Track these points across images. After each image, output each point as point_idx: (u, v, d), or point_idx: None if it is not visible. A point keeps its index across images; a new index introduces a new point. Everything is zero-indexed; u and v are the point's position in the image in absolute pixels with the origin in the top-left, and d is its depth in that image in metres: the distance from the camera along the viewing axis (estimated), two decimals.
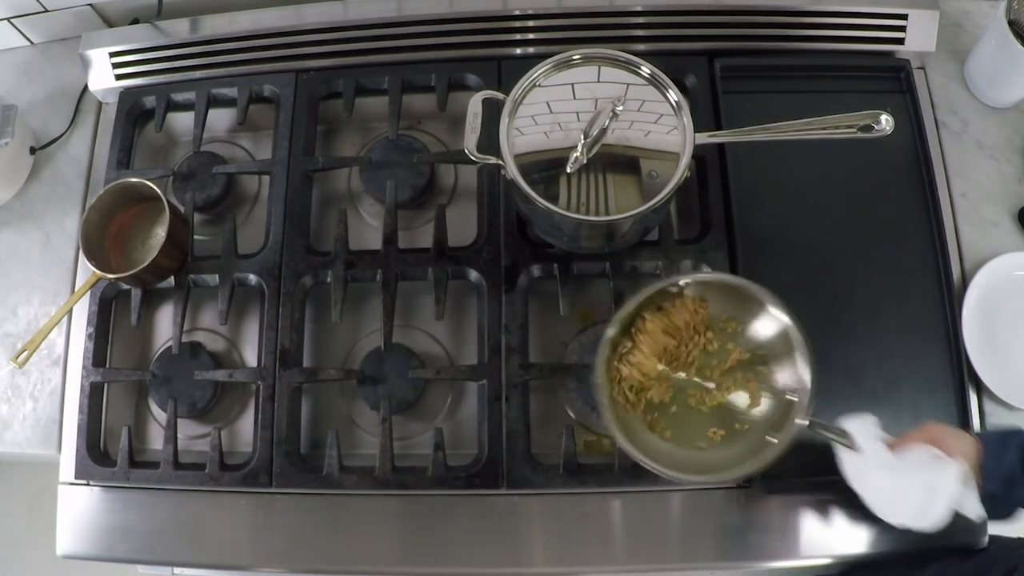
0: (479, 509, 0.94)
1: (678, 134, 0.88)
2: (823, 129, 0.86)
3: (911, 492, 0.76)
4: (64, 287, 1.11)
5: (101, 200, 1.02)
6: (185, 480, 0.97)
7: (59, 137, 1.18)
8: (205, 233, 1.13)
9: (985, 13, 1.17)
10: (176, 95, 1.14)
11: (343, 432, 1.00)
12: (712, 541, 0.93)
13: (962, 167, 1.08)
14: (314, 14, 1.13)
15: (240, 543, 0.96)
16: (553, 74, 0.91)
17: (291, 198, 1.06)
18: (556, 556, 0.94)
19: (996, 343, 1.00)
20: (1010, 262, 1.02)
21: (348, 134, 1.17)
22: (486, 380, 0.97)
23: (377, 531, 0.95)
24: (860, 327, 0.99)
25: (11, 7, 1.17)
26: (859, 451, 0.79)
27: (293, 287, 1.02)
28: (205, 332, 1.09)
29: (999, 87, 1.09)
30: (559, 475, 0.93)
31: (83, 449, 1.00)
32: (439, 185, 1.12)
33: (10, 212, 1.16)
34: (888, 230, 1.03)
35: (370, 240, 1.08)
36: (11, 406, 1.07)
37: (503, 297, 0.99)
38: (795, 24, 1.09)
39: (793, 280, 1.00)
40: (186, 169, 1.11)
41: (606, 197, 0.88)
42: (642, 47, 1.09)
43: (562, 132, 0.89)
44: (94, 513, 0.99)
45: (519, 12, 1.10)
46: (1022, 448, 0.77)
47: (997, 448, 0.77)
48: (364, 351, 1.02)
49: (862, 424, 0.80)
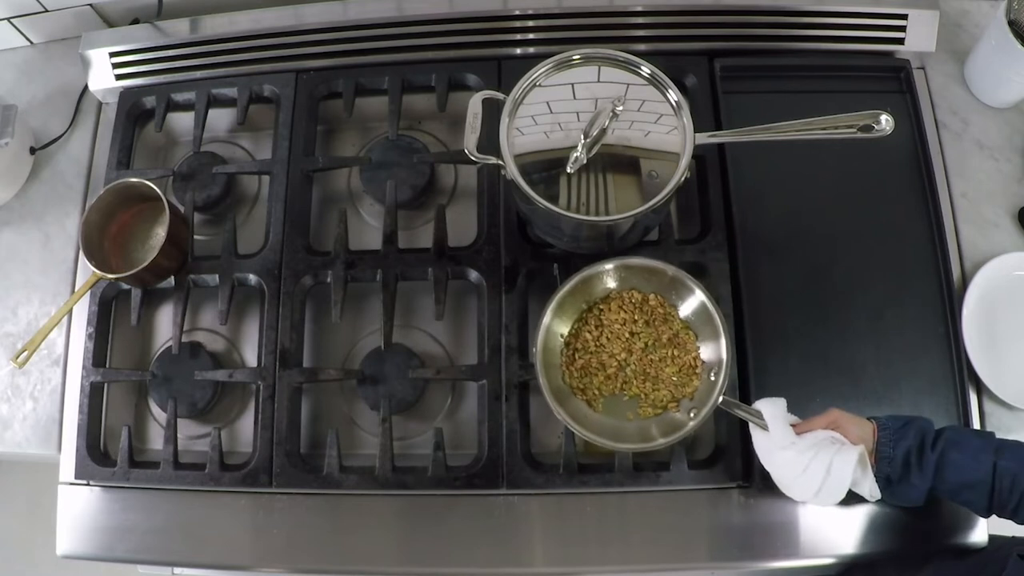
0: (479, 509, 0.94)
1: (678, 134, 0.88)
2: (823, 129, 0.86)
3: (810, 470, 0.82)
4: (64, 287, 1.11)
5: (101, 200, 1.02)
6: (185, 480, 0.97)
7: (59, 137, 1.18)
8: (205, 233, 1.13)
9: (985, 13, 1.17)
10: (176, 95, 1.14)
11: (343, 432, 1.00)
12: (712, 541, 0.93)
13: (962, 167, 1.09)
14: (314, 14, 1.13)
15: (240, 543, 0.96)
16: (553, 74, 0.91)
17: (291, 198, 1.06)
18: (556, 556, 0.94)
19: (996, 343, 1.00)
20: (1010, 262, 1.02)
21: (348, 134, 1.17)
22: (486, 380, 0.97)
23: (377, 531, 0.95)
24: (860, 327, 0.99)
25: (11, 7, 1.17)
26: (768, 430, 0.85)
27: (293, 287, 1.02)
28: (205, 332, 1.09)
29: (999, 87, 1.09)
30: (559, 475, 0.93)
31: (83, 449, 1.00)
32: (439, 185, 1.12)
33: (10, 212, 1.16)
34: (888, 230, 1.03)
35: (370, 240, 1.08)
36: (11, 406, 1.07)
37: (503, 297, 0.99)
38: (795, 24, 1.09)
39: (793, 280, 1.01)
40: (186, 169, 1.11)
41: (606, 197, 0.88)
42: (642, 47, 1.09)
43: (562, 132, 0.89)
44: (94, 513, 0.99)
45: (519, 12, 1.10)
46: (920, 435, 0.82)
47: (894, 434, 0.83)
48: (364, 351, 1.02)
49: (773, 406, 0.86)
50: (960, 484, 0.80)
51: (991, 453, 0.79)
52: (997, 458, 0.79)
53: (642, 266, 0.93)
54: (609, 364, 0.92)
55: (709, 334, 0.91)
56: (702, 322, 0.92)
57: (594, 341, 0.93)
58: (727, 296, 0.98)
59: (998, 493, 0.78)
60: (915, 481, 0.81)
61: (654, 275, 0.93)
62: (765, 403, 0.86)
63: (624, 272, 0.93)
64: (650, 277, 0.93)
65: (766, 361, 0.97)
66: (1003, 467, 0.78)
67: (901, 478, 0.82)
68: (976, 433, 0.85)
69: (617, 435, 0.89)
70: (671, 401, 0.91)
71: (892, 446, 0.82)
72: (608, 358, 0.92)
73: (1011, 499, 0.78)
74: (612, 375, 0.92)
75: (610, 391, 0.92)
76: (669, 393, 0.91)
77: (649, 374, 0.92)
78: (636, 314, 0.93)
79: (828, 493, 0.82)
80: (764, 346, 0.97)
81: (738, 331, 0.97)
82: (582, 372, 0.93)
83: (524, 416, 0.96)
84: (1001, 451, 0.80)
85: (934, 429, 0.83)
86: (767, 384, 0.96)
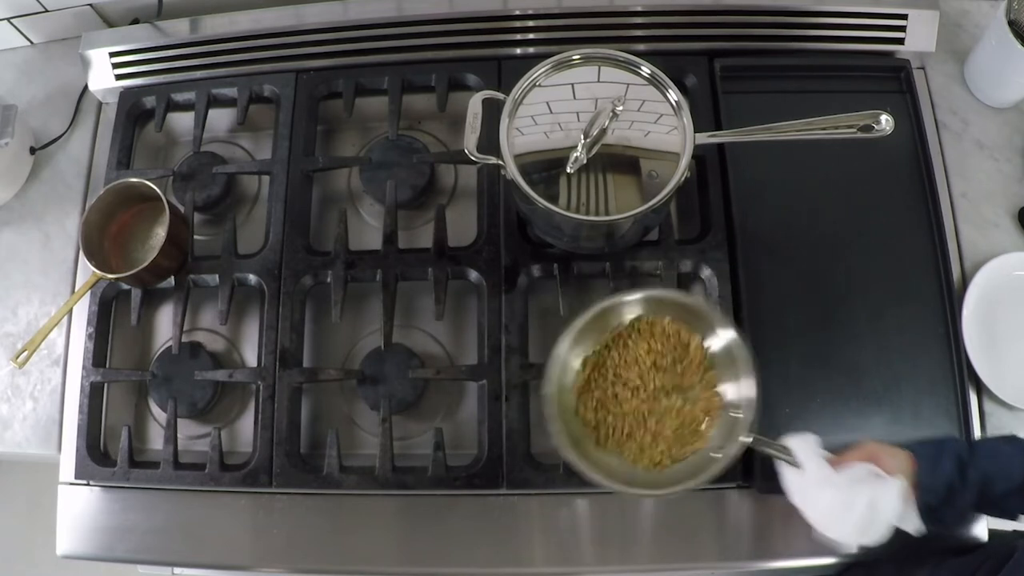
0: (479, 509, 0.94)
1: (678, 134, 0.88)
2: (823, 129, 0.86)
3: (852, 509, 0.77)
4: (64, 287, 1.11)
5: (101, 200, 1.02)
6: (185, 480, 0.97)
7: (59, 137, 1.18)
8: (205, 233, 1.13)
9: (985, 13, 1.17)
10: (176, 95, 1.14)
11: (343, 432, 1.00)
12: (712, 541, 0.93)
13: (962, 167, 1.08)
14: (314, 14, 1.13)
15: (240, 543, 0.96)
16: (553, 74, 0.91)
17: (291, 198, 1.06)
18: (556, 556, 0.94)
19: (996, 343, 1.00)
20: (1010, 262, 1.02)
21: (348, 134, 1.17)
22: (486, 380, 0.97)
23: (377, 531, 0.95)
24: (860, 327, 0.99)
25: (11, 7, 1.17)
26: (801, 467, 0.80)
27: (293, 287, 1.02)
28: (205, 332, 1.09)
29: (999, 87, 1.09)
30: (559, 475, 0.93)
31: (83, 449, 1.00)
32: (439, 185, 1.12)
33: (10, 212, 1.16)
34: (888, 230, 1.03)
35: (370, 240, 1.08)
36: (11, 406, 1.07)
37: (503, 297, 0.99)
38: (795, 24, 1.09)
39: (793, 280, 1.01)
40: (186, 169, 1.11)
41: (606, 197, 0.88)
42: (642, 47, 1.09)
43: (562, 132, 0.89)
44: (94, 513, 0.99)
45: (519, 12, 1.10)
46: (956, 457, 0.79)
47: (931, 461, 0.79)
48: (364, 351, 1.02)
49: (803, 441, 0.81)
50: (1005, 494, 0.78)
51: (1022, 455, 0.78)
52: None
53: (673, 301, 0.88)
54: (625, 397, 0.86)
55: (732, 373, 0.86)
56: (725, 359, 0.87)
57: (613, 371, 0.88)
58: (727, 296, 0.98)
59: None
60: (960, 504, 0.78)
61: (683, 310, 0.88)
62: (795, 438, 0.82)
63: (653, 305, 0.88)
64: (678, 311, 0.88)
65: (766, 361, 0.96)
66: None
67: (945, 503, 0.78)
68: (1002, 440, 0.82)
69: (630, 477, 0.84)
70: (665, 458, 0.85)
71: (932, 475, 0.78)
72: (623, 389, 0.87)
73: None
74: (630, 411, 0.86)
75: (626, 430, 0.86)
76: (667, 449, 0.85)
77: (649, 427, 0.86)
78: (665, 346, 0.88)
79: (875, 531, 0.77)
80: (764, 346, 0.97)
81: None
82: (598, 406, 0.87)
83: (524, 416, 0.96)
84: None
85: (966, 446, 0.80)
86: (767, 384, 0.94)
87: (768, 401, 0.91)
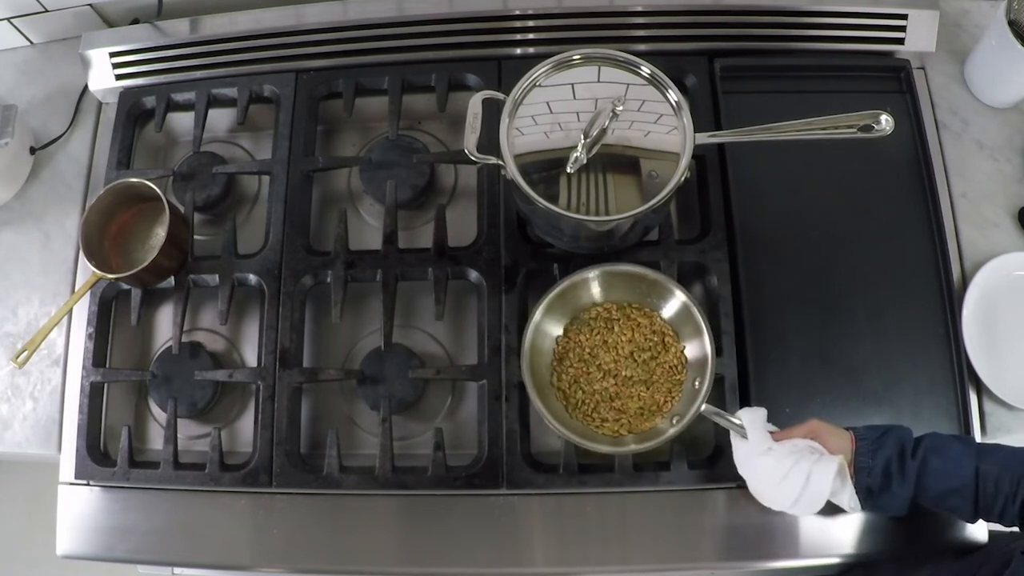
0: (479, 509, 0.94)
1: (678, 134, 0.88)
2: (823, 129, 0.86)
3: (787, 479, 0.81)
4: (64, 287, 1.11)
5: (101, 200, 1.02)
6: (185, 480, 0.97)
7: (59, 137, 1.18)
8: (205, 233, 1.13)
9: (985, 13, 1.17)
10: (176, 95, 1.14)
11: (343, 432, 1.00)
12: (712, 541, 0.93)
13: (962, 167, 1.08)
14: (314, 14, 1.13)
15: (240, 543, 0.96)
16: (553, 74, 0.91)
17: (291, 198, 1.06)
18: (556, 556, 0.94)
19: (996, 343, 1.00)
20: (1010, 262, 1.02)
21: (348, 134, 1.17)
22: (486, 380, 0.97)
23: (377, 531, 0.95)
24: (860, 327, 0.99)
25: (11, 7, 1.17)
26: (746, 438, 0.85)
27: (293, 287, 1.02)
28: (205, 332, 1.09)
29: (999, 87, 1.09)
30: (559, 475, 0.93)
31: (83, 449, 1.00)
32: (439, 185, 1.12)
33: (10, 212, 1.16)
34: (888, 230, 1.03)
35: (370, 240, 1.08)
36: (11, 406, 1.07)
37: (503, 297, 0.99)
38: (795, 24, 1.09)
39: (793, 280, 1.01)
40: (186, 169, 1.11)
41: (606, 197, 0.88)
42: (642, 47, 1.09)
43: (562, 132, 0.89)
44: (94, 513, 0.99)
45: (519, 12, 1.10)
46: (899, 445, 0.81)
47: (872, 444, 0.82)
48: (364, 351, 1.02)
49: (752, 414, 0.86)
50: (944, 491, 0.79)
51: (972, 457, 0.79)
52: (979, 462, 0.78)
53: (625, 272, 0.94)
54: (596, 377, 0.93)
55: (691, 334, 0.92)
56: (684, 324, 0.93)
57: (590, 349, 0.93)
58: (727, 296, 0.98)
59: (982, 497, 0.78)
60: (896, 491, 0.80)
61: (636, 280, 0.93)
62: (745, 412, 0.87)
63: (609, 278, 0.94)
64: (633, 282, 0.94)
65: (766, 361, 0.97)
66: (985, 470, 0.78)
67: (882, 488, 0.81)
68: (956, 439, 0.83)
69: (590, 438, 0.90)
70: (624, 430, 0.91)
71: (871, 457, 0.81)
72: (597, 371, 0.93)
73: (996, 502, 0.77)
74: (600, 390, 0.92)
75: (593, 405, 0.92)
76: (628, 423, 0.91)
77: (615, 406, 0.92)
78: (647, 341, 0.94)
79: (806, 503, 0.82)
80: (764, 346, 0.97)
81: (738, 331, 0.97)
82: (573, 379, 0.93)
83: (524, 416, 0.96)
84: (982, 455, 0.79)
85: (913, 437, 0.82)
86: (767, 384, 0.96)
87: (768, 401, 0.91)
